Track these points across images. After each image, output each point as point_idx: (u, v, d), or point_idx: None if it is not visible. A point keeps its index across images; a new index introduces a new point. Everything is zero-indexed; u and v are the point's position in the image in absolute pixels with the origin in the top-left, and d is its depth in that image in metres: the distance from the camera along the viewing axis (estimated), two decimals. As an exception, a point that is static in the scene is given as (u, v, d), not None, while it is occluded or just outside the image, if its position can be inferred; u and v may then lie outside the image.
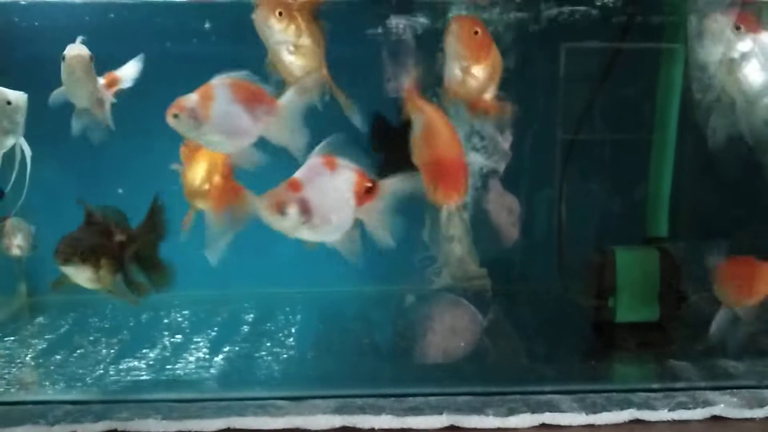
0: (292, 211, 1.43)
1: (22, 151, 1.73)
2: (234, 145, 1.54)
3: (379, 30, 2.13)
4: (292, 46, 1.71)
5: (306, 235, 1.50)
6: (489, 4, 2.01)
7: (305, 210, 1.45)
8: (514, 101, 2.17)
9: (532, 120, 2.28)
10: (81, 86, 1.67)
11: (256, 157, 1.55)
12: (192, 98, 1.46)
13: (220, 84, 1.49)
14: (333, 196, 1.49)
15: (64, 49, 1.66)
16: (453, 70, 1.68)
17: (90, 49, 1.67)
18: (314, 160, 1.50)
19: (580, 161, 2.22)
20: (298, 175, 1.48)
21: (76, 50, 1.64)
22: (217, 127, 1.48)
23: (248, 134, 1.53)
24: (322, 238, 1.54)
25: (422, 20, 2.08)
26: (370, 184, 1.52)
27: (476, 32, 1.66)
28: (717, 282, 1.74)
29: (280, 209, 1.43)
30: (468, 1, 1.98)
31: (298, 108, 1.55)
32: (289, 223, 1.45)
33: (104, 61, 1.75)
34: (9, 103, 1.65)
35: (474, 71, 1.68)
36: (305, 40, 1.72)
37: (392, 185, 1.54)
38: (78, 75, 1.64)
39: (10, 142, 1.69)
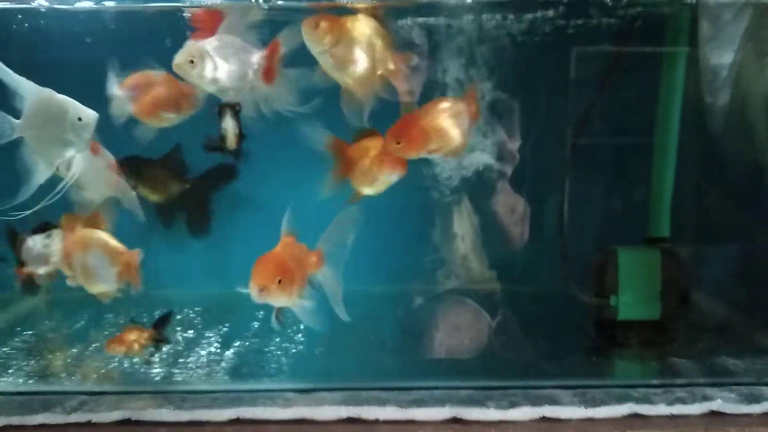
0: None
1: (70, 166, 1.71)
2: None
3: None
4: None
5: None
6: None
7: None
8: (523, 104, 2.22)
9: (538, 122, 2.32)
10: None
11: None
12: None
13: None
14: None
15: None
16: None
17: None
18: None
19: (584, 163, 2.25)
20: None
21: None
22: None
23: None
24: None
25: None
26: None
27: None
28: None
29: None
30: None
31: None
32: None
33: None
34: (80, 119, 1.60)
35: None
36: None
37: None
38: None
39: (68, 155, 1.65)
